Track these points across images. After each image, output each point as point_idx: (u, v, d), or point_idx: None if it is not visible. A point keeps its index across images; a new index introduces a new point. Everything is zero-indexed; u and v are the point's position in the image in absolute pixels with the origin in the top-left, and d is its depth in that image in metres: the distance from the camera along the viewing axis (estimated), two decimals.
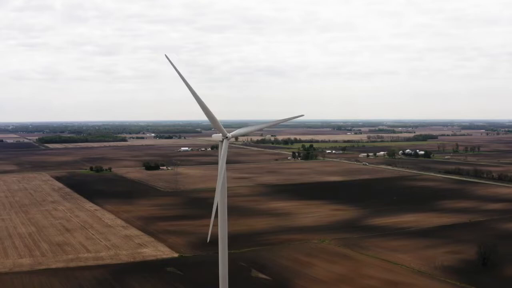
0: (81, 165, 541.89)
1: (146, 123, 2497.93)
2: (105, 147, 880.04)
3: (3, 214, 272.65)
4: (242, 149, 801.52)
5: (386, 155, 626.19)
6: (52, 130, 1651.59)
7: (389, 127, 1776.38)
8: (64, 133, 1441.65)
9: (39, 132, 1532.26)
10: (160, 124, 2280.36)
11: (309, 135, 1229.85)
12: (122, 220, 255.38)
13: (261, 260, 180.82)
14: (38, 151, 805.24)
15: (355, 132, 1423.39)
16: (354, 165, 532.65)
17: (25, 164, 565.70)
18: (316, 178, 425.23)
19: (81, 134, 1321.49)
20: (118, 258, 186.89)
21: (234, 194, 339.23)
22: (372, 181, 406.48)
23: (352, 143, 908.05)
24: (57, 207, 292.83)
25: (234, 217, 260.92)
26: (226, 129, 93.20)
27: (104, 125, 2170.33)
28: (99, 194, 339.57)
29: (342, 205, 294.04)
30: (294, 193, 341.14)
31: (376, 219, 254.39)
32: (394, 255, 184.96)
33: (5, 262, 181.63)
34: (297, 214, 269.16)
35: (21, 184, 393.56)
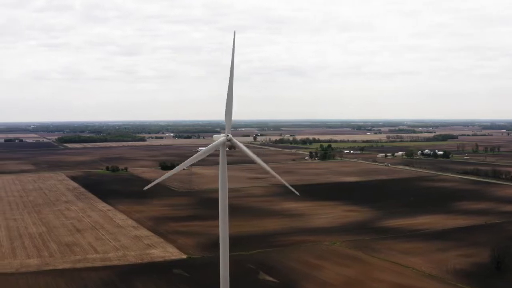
0: (98, 165, 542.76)
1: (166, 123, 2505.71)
2: (124, 147, 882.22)
3: (16, 214, 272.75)
4: (260, 149, 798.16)
5: (404, 155, 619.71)
6: (72, 130, 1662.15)
7: (409, 127, 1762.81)
8: (84, 133, 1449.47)
9: (59, 132, 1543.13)
10: (180, 124, 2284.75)
11: (328, 135, 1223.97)
12: (133, 221, 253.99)
13: (270, 262, 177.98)
14: (56, 150, 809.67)
15: (375, 132, 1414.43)
16: (371, 165, 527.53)
17: (42, 163, 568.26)
18: (332, 179, 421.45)
19: (100, 134, 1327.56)
20: (126, 259, 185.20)
21: (248, 195, 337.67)
22: (388, 181, 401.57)
23: (371, 143, 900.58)
24: (70, 207, 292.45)
25: (246, 217, 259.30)
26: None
27: (124, 125, 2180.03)
28: (113, 194, 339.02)
29: (357, 206, 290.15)
30: (308, 194, 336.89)
31: (390, 220, 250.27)
32: (406, 258, 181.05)
33: (13, 262, 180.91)
34: (310, 215, 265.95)
35: (36, 184, 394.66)
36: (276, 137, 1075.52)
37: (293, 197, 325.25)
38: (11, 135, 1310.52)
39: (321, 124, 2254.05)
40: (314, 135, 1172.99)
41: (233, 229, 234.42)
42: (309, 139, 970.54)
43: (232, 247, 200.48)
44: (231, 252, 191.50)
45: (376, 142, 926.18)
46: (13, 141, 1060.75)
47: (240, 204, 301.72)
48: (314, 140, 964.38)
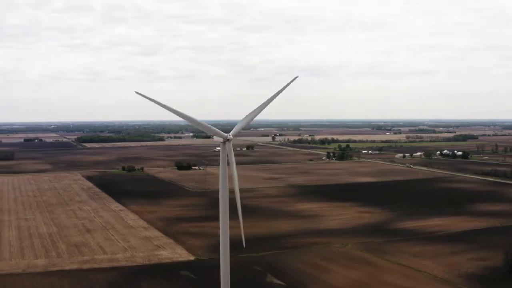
0: (114, 165, 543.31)
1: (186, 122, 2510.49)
2: (142, 146, 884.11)
3: (28, 214, 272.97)
4: (277, 149, 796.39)
5: (423, 156, 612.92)
6: (92, 130, 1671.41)
7: (430, 127, 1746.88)
8: (104, 132, 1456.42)
9: (79, 132, 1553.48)
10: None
11: (347, 135, 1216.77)
12: (145, 221, 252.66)
13: (279, 265, 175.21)
14: (74, 150, 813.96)
15: (395, 132, 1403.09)
16: (389, 166, 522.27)
17: (60, 163, 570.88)
18: (348, 179, 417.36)
19: (120, 134, 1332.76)
20: (134, 260, 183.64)
21: (263, 195, 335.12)
22: (405, 182, 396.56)
23: (390, 143, 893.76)
24: (82, 207, 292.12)
25: (258, 219, 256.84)
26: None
27: (144, 125, 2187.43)
28: (127, 194, 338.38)
29: (371, 207, 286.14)
30: (323, 195, 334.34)
31: (404, 222, 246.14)
32: (417, 261, 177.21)
33: (20, 262, 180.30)
34: (323, 216, 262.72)
35: (51, 184, 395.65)
36: (295, 137, 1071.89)
37: (307, 198, 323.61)
38: (31, 135, 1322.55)
39: (340, 124, 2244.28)
40: (333, 135, 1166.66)
41: (244, 230, 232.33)
42: (327, 139, 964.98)
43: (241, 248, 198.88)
44: (240, 254, 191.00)
45: (395, 142, 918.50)
46: (33, 141, 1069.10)
47: (253, 204, 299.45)
48: (332, 140, 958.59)
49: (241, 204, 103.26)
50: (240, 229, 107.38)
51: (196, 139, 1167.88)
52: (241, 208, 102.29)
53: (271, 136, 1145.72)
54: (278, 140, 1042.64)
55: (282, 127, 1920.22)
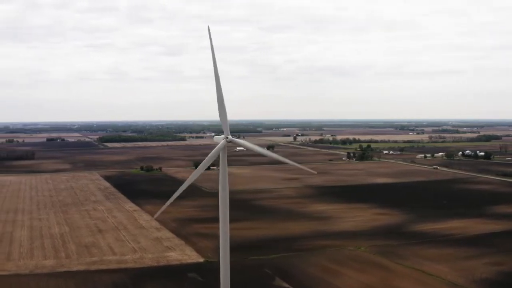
0: (133, 165, 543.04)
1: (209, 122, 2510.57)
2: (163, 146, 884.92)
3: (42, 214, 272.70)
4: (298, 149, 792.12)
5: (444, 156, 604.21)
6: (115, 130, 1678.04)
7: (453, 127, 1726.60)
8: (126, 132, 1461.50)
9: (102, 132, 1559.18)
10: None
11: (369, 135, 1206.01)
12: (157, 222, 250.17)
13: (288, 268, 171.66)
14: (95, 150, 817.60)
15: (418, 132, 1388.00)
16: (409, 166, 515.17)
17: (79, 163, 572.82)
18: (367, 180, 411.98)
19: (142, 134, 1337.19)
20: (142, 261, 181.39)
21: (279, 196, 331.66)
22: (424, 183, 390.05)
23: (412, 143, 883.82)
24: (97, 207, 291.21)
25: (272, 220, 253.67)
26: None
27: (167, 125, 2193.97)
28: (143, 194, 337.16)
29: (388, 209, 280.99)
30: (340, 196, 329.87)
31: (421, 224, 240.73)
32: (431, 265, 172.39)
33: (28, 263, 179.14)
34: (338, 218, 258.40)
35: (68, 183, 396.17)
36: (317, 137, 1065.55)
37: (323, 199, 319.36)
38: (54, 135, 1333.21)
39: (363, 124, 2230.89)
40: (355, 135, 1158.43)
41: (257, 232, 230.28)
42: (349, 139, 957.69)
43: (252, 250, 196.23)
44: (251, 256, 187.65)
45: (418, 142, 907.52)
46: (55, 141, 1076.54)
47: (269, 205, 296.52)
48: (354, 140, 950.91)
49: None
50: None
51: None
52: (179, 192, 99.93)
53: (293, 136, 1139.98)
54: (299, 140, 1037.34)
55: (305, 127, 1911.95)
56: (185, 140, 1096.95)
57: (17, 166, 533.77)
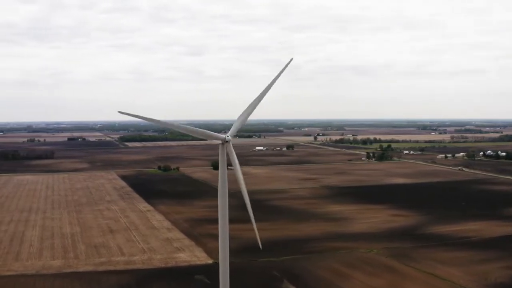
0: (152, 164, 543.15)
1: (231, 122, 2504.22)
2: (183, 146, 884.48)
3: (56, 213, 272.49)
4: (318, 149, 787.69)
5: (465, 157, 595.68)
6: (137, 129, 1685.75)
7: (476, 127, 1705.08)
8: (148, 131, 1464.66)
9: (124, 131, 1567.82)
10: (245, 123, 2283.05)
11: (391, 135, 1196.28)
12: (170, 222, 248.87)
13: (298, 270, 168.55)
14: (115, 149, 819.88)
15: (440, 132, 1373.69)
16: (429, 167, 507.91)
17: (97, 162, 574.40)
18: (384, 180, 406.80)
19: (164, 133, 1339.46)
20: (150, 263, 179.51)
21: (294, 197, 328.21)
22: (443, 184, 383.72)
23: (434, 143, 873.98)
24: (110, 207, 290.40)
25: (285, 221, 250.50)
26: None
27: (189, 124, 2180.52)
28: (158, 194, 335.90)
29: (404, 210, 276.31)
30: (356, 196, 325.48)
31: (437, 226, 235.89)
32: (444, 268, 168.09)
33: (36, 263, 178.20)
34: (352, 219, 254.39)
35: (85, 183, 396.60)
36: (337, 137, 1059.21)
37: (339, 199, 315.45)
38: (76, 134, 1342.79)
39: (386, 124, 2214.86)
40: (377, 135, 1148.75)
41: (269, 233, 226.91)
42: (369, 139, 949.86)
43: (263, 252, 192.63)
44: (260, 258, 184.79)
45: (439, 142, 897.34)
46: (76, 140, 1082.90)
47: (283, 206, 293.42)
48: (374, 140, 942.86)
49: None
50: (255, 232, 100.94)
51: (237, 139, 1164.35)
52: (252, 210, 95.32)
53: (313, 136, 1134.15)
54: (320, 139, 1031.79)
55: (326, 126, 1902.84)
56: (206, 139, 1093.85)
57: (35, 166, 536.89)
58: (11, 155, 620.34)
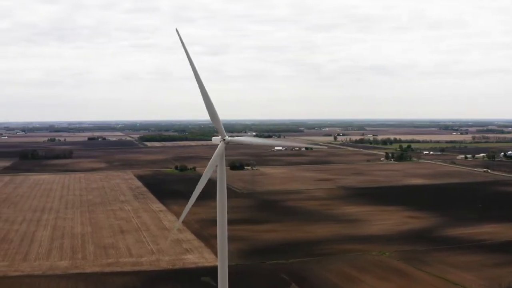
0: (170, 164, 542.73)
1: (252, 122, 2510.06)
2: (202, 146, 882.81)
3: (68, 213, 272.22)
4: (337, 149, 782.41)
5: (486, 157, 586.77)
6: (158, 129, 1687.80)
7: (499, 127, 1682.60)
8: (168, 131, 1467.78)
9: (144, 131, 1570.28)
10: (265, 123, 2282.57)
11: (411, 135, 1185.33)
12: (181, 223, 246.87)
13: (306, 273, 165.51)
14: (134, 149, 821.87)
15: (461, 132, 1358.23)
16: (448, 168, 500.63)
17: (115, 162, 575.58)
18: (402, 181, 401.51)
19: (184, 133, 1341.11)
20: (157, 264, 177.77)
21: (309, 197, 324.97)
22: (461, 185, 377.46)
23: (454, 143, 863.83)
24: (123, 207, 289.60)
25: (297, 222, 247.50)
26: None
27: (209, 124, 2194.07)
28: (172, 194, 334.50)
29: (419, 211, 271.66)
30: (372, 197, 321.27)
31: (452, 229, 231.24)
32: (456, 272, 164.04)
33: (43, 264, 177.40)
34: (366, 221, 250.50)
35: (100, 183, 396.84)
36: (357, 137, 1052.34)
37: (354, 200, 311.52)
38: (97, 133, 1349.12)
39: (407, 124, 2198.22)
40: (397, 135, 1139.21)
41: (280, 234, 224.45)
42: (389, 139, 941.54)
43: (272, 254, 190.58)
44: (269, 260, 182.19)
45: (460, 142, 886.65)
46: (96, 140, 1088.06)
47: (297, 207, 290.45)
48: (395, 140, 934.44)
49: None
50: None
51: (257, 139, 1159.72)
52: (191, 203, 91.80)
53: (333, 136, 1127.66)
54: (340, 140, 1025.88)
55: (347, 126, 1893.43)
56: None
57: (53, 165, 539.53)
58: (30, 155, 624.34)
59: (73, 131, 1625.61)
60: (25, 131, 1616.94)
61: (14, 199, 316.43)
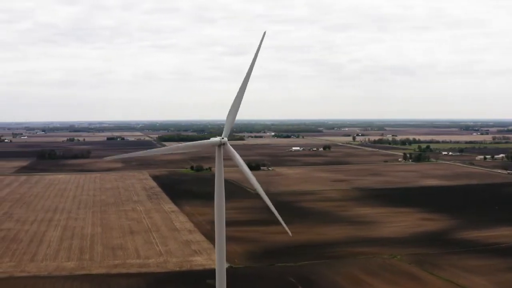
0: (186, 164, 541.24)
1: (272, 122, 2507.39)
2: None
3: (80, 214, 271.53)
4: (355, 150, 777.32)
5: (505, 158, 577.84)
6: (177, 129, 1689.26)
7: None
8: (188, 131, 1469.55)
9: (163, 131, 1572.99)
10: (285, 123, 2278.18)
11: (431, 135, 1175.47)
12: (192, 224, 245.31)
13: (315, 277, 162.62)
14: (151, 149, 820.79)
15: (482, 133, 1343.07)
16: (466, 169, 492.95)
17: (132, 162, 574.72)
18: (418, 182, 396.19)
19: (203, 133, 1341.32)
20: (164, 266, 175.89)
21: (323, 198, 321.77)
22: (478, 187, 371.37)
23: (474, 144, 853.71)
24: (136, 208, 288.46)
25: (309, 224, 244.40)
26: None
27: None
28: (185, 195, 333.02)
29: (435, 213, 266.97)
30: (387, 199, 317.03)
31: (467, 231, 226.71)
32: (468, 276, 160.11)
33: (50, 265, 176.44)
34: (380, 223, 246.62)
35: (115, 183, 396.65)
36: (376, 137, 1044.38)
37: (368, 202, 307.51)
38: (116, 133, 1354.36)
39: (428, 124, 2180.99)
40: (417, 135, 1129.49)
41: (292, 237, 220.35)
42: (408, 140, 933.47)
43: (281, 256, 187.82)
44: (278, 263, 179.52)
45: (480, 143, 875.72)
46: (115, 139, 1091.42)
47: (310, 208, 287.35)
48: (414, 140, 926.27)
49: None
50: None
51: (276, 139, 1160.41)
52: (274, 207, 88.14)
53: (352, 136, 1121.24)
54: (358, 140, 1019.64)
55: (367, 127, 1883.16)
56: (244, 139, 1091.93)
57: (70, 165, 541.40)
58: (48, 155, 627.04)
59: (92, 131, 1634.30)
60: (45, 131, 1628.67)
61: (27, 199, 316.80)
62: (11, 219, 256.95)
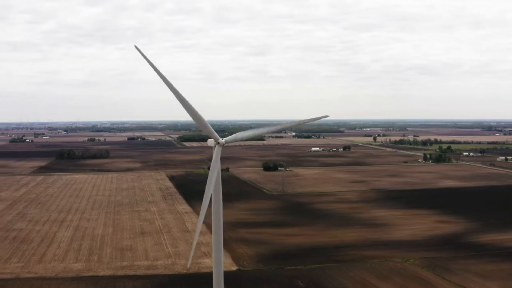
0: (204, 164, 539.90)
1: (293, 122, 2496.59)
2: (239, 146, 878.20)
3: (93, 214, 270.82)
4: (375, 150, 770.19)
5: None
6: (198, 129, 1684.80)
7: None
8: None
9: (185, 131, 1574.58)
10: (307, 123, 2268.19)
11: (453, 135, 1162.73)
12: (205, 225, 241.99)
13: (324, 281, 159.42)
14: (171, 149, 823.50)
15: (505, 133, 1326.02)
16: (487, 170, 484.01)
17: (151, 162, 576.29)
18: (437, 184, 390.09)
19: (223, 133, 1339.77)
20: (172, 268, 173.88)
21: (339, 200, 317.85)
22: (498, 188, 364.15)
23: (496, 144, 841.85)
24: (149, 208, 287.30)
25: (323, 226, 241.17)
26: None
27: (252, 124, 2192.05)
28: (200, 196, 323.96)
29: (451, 216, 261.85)
30: (404, 200, 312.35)
31: (483, 235, 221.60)
32: (481, 282, 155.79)
33: (58, 266, 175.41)
34: (395, 226, 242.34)
35: (131, 183, 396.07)
36: (397, 138, 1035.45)
37: (385, 204, 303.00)
38: (138, 133, 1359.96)
39: (450, 124, 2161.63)
40: (439, 135, 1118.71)
41: (302, 238, 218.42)
42: (430, 140, 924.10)
43: (291, 259, 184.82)
44: (288, 266, 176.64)
45: (502, 143, 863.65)
46: (136, 139, 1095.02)
47: (325, 210, 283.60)
48: (435, 141, 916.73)
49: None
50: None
51: (296, 139, 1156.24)
52: (202, 221, 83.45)
53: (373, 137, 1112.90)
54: (379, 140, 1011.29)
55: (389, 127, 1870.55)
56: (264, 140, 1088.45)
57: (88, 165, 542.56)
58: (66, 154, 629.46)
59: (114, 130, 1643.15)
60: (67, 131, 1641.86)
61: (42, 199, 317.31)
62: (24, 219, 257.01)
